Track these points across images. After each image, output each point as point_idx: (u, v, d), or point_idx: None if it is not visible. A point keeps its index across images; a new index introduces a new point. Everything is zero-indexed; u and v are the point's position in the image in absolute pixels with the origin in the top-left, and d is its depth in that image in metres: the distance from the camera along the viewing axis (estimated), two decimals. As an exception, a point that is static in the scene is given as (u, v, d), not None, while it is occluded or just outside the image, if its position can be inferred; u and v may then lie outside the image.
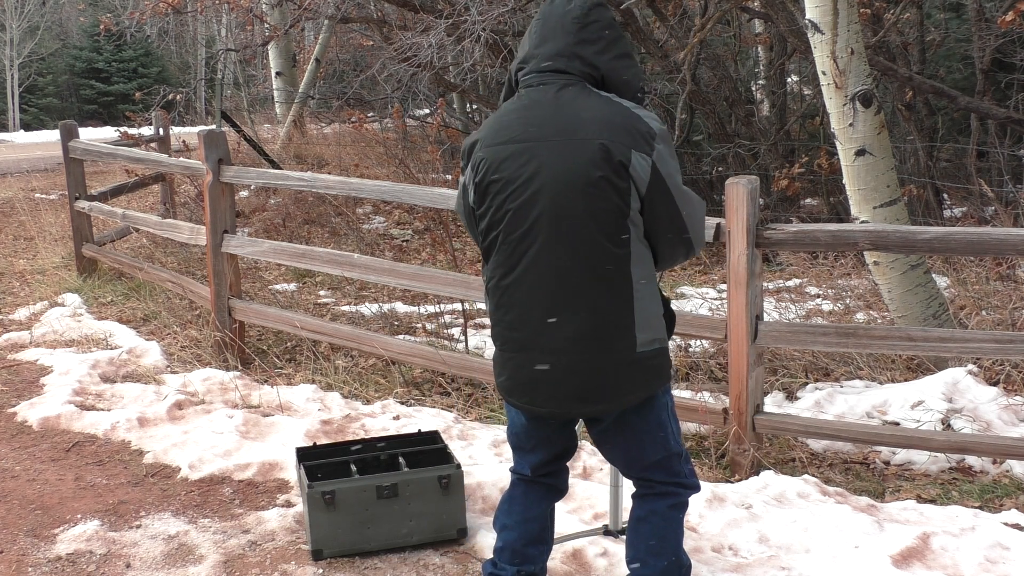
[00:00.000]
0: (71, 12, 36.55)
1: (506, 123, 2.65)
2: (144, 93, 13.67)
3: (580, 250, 2.55)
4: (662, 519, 2.81)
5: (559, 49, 2.62)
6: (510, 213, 2.60)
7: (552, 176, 2.55)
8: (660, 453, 2.78)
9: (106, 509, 4.00)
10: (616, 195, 2.53)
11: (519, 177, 2.58)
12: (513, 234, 2.60)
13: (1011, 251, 4.12)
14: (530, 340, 2.63)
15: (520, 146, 2.59)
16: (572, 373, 2.61)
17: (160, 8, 11.20)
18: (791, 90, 11.28)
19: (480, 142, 2.68)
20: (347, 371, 5.56)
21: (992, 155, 8.61)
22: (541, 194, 2.56)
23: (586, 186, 2.53)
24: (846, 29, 4.89)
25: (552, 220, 2.55)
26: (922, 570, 3.31)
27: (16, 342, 6.44)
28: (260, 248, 5.89)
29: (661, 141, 2.57)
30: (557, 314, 2.59)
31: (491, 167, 2.62)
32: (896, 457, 4.39)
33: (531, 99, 2.63)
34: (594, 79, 2.64)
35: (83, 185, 8.17)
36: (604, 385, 2.62)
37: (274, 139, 14.95)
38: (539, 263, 2.58)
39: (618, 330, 2.60)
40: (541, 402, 2.67)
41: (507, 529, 2.96)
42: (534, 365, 2.63)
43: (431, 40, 7.74)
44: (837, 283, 6.76)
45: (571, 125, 2.56)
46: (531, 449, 2.88)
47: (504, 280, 2.65)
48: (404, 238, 9.40)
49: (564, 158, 2.54)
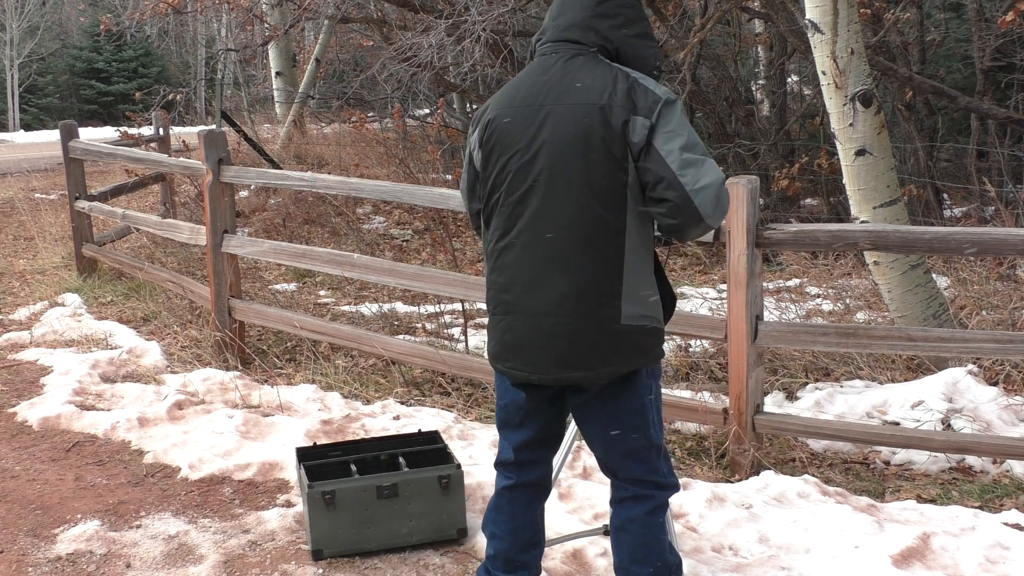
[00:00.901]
0: (71, 12, 36.55)
1: (515, 88, 2.70)
2: (144, 93, 13.66)
3: (573, 214, 2.57)
4: (642, 526, 2.76)
5: (575, 21, 2.66)
6: (511, 174, 2.63)
7: (552, 139, 2.58)
8: (640, 442, 2.73)
9: (106, 509, 4.00)
10: (612, 160, 2.54)
11: (522, 139, 2.62)
12: (512, 195, 2.63)
13: (1011, 251, 4.12)
14: (517, 302, 2.64)
15: (526, 109, 2.63)
16: (554, 337, 2.61)
17: (160, 8, 11.20)
18: (791, 90, 11.28)
19: (490, 107, 2.73)
20: (347, 371, 5.56)
21: (992, 155, 8.61)
22: (540, 156, 2.59)
23: (584, 149, 2.55)
24: (846, 29, 4.89)
25: (549, 182, 2.58)
26: (922, 570, 3.31)
27: (16, 342, 6.44)
28: (260, 248, 5.89)
29: (666, 107, 2.55)
30: (545, 276, 2.60)
31: (497, 129, 2.67)
32: (896, 457, 4.39)
33: (541, 66, 2.68)
34: (608, 52, 2.66)
35: (83, 185, 8.17)
36: (585, 351, 2.60)
37: (274, 139, 14.95)
38: (533, 225, 2.60)
39: (604, 297, 2.59)
40: (522, 366, 2.67)
41: (497, 537, 2.92)
42: (518, 328, 2.64)
43: (431, 40, 7.75)
44: (837, 283, 6.76)
45: (574, 91, 2.59)
46: (518, 424, 2.82)
47: (500, 242, 2.68)
48: (404, 238, 9.41)
49: (565, 121, 2.57)
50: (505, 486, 2.91)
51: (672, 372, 5.34)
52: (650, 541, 2.76)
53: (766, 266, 7.31)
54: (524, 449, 2.85)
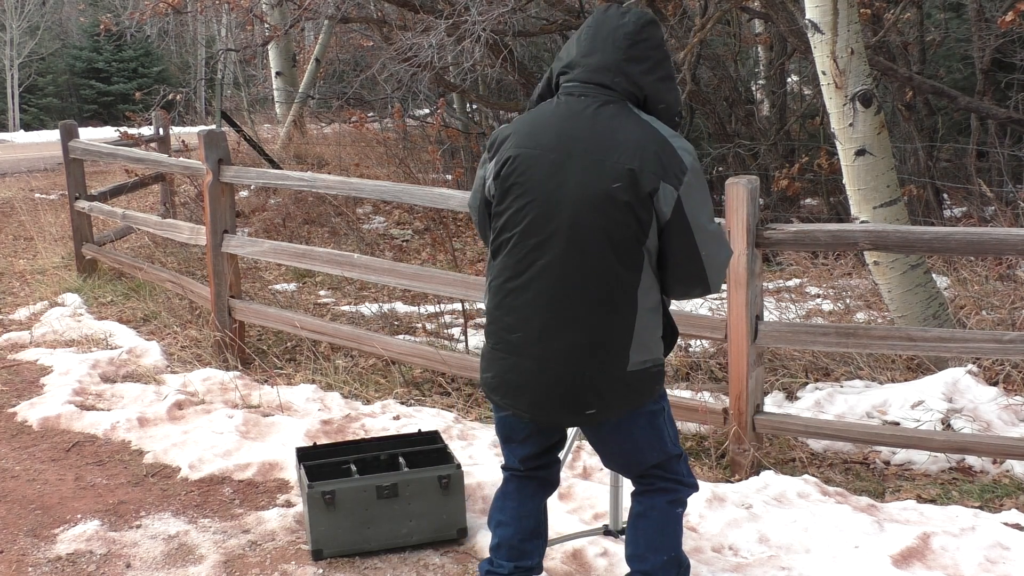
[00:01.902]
0: (71, 12, 36.54)
1: (541, 127, 2.64)
2: (144, 93, 13.67)
3: (591, 269, 2.57)
4: (661, 514, 2.84)
5: (606, 63, 2.60)
6: (528, 218, 2.60)
7: (577, 192, 2.55)
8: (658, 457, 2.81)
9: (106, 509, 4.00)
10: (636, 222, 2.54)
11: (546, 186, 2.58)
12: (529, 239, 2.61)
13: (1011, 251, 4.12)
14: (524, 346, 2.65)
15: (551, 155, 2.59)
16: (558, 384, 2.63)
17: (160, 8, 11.19)
18: (791, 90, 11.28)
19: (511, 139, 2.68)
20: (347, 371, 5.56)
21: (992, 155, 8.61)
22: (563, 207, 2.56)
23: (608, 208, 2.53)
24: (846, 29, 4.89)
25: (569, 235, 2.56)
26: (922, 570, 3.31)
27: (16, 342, 6.44)
28: (260, 248, 5.89)
29: (692, 175, 2.56)
30: (556, 326, 2.61)
31: (518, 168, 2.62)
32: (896, 457, 4.39)
33: (571, 110, 2.62)
34: (636, 99, 2.63)
35: (83, 185, 8.17)
36: (589, 398, 2.64)
37: (274, 139, 14.95)
38: (548, 274, 2.59)
39: (613, 351, 2.62)
40: (525, 407, 2.70)
41: (502, 525, 2.98)
42: (523, 371, 2.66)
43: (431, 40, 7.74)
44: (837, 283, 6.76)
45: (604, 145, 2.55)
46: (522, 441, 2.88)
47: (510, 283, 2.66)
48: (404, 238, 9.41)
49: (591, 176, 2.55)
50: (511, 476, 2.99)
51: (672, 372, 5.34)
52: (668, 530, 2.84)
53: (766, 266, 7.31)
54: (530, 460, 2.93)
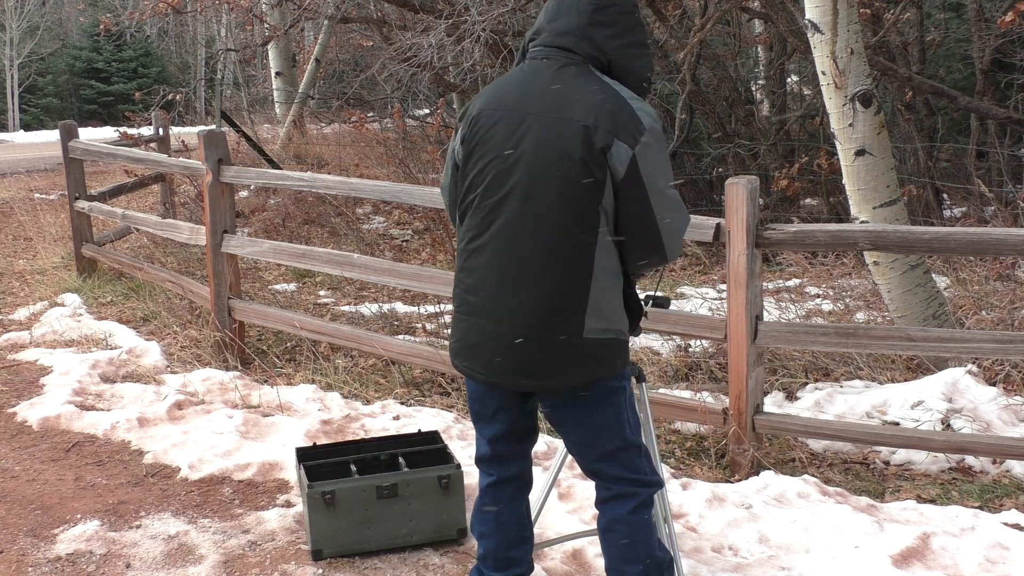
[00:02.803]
0: (71, 12, 36.54)
1: (504, 90, 2.69)
2: (144, 93, 13.67)
3: (546, 228, 2.57)
4: (627, 525, 2.76)
5: (570, 27, 2.62)
6: (488, 177, 2.63)
7: (532, 150, 2.57)
8: (616, 443, 2.72)
9: (106, 509, 3.99)
10: (590, 180, 2.54)
11: (504, 145, 2.61)
12: (488, 199, 2.63)
13: (1011, 251, 4.12)
14: (483, 306, 2.65)
15: (511, 114, 2.62)
16: (514, 345, 2.61)
17: (160, 8, 11.20)
18: (791, 90, 11.28)
19: (477, 103, 2.72)
20: (347, 371, 5.56)
21: (992, 155, 8.61)
22: (520, 165, 2.58)
23: (563, 166, 2.54)
24: (846, 29, 4.89)
25: (525, 193, 2.58)
26: (922, 570, 3.31)
27: (16, 342, 6.43)
28: (260, 248, 5.89)
29: (651, 137, 2.55)
30: (511, 285, 2.60)
31: (481, 129, 2.66)
32: (896, 457, 4.39)
33: (532, 71, 2.66)
34: (600, 63, 2.64)
35: (83, 185, 8.16)
36: (543, 362, 2.61)
37: (274, 139, 14.94)
38: (506, 232, 2.60)
39: (567, 313, 2.59)
40: (481, 368, 2.68)
41: (485, 537, 2.94)
42: (481, 331, 2.65)
43: (431, 40, 7.75)
44: (837, 283, 6.76)
45: (561, 103, 2.57)
46: (490, 418, 2.83)
47: (472, 244, 2.68)
48: (404, 238, 9.40)
49: (548, 134, 2.56)
50: (488, 484, 2.93)
51: (672, 372, 5.34)
52: (637, 539, 2.76)
53: (766, 266, 7.31)
54: (498, 442, 2.86)
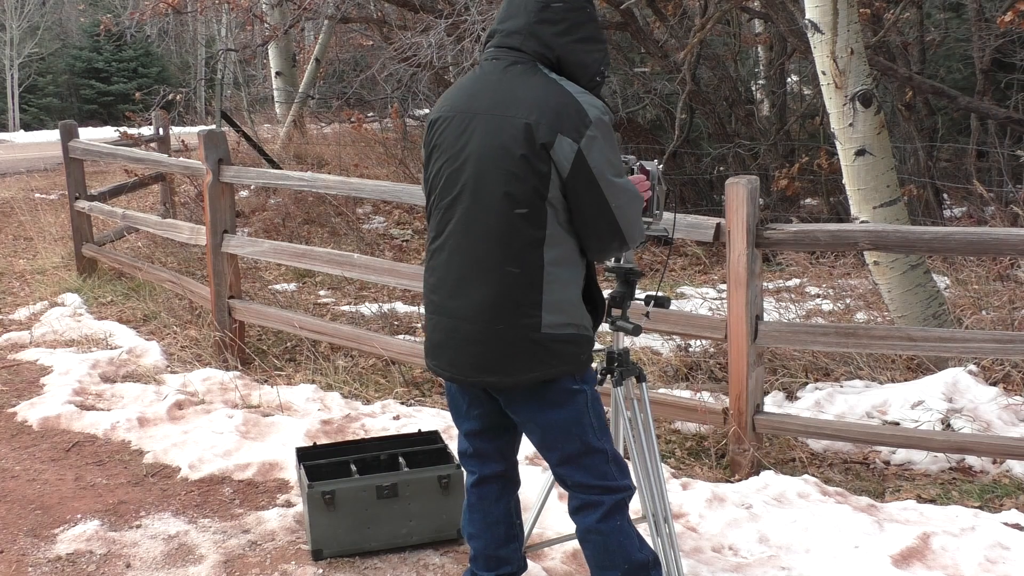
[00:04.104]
0: (71, 12, 36.54)
1: (457, 93, 2.74)
2: (144, 93, 13.65)
3: (494, 224, 2.59)
4: (598, 535, 2.74)
5: (518, 27, 2.66)
6: (443, 179, 2.68)
7: (478, 150, 2.62)
8: (576, 446, 2.69)
9: (106, 509, 3.99)
10: (534, 176, 2.55)
11: (454, 146, 2.66)
12: (444, 200, 2.69)
13: (1010, 251, 4.13)
14: (443, 304, 2.70)
15: (461, 116, 2.67)
16: (470, 342, 2.65)
17: (160, 8, 11.20)
18: (791, 90, 11.28)
19: (435, 108, 2.79)
20: (347, 371, 5.56)
21: (992, 155, 8.61)
22: (468, 165, 2.63)
23: (506, 163, 2.57)
24: (846, 29, 4.89)
25: (473, 191, 2.62)
26: (922, 570, 3.31)
27: (16, 342, 6.44)
28: (260, 248, 5.89)
29: (596, 128, 2.56)
30: (466, 283, 2.64)
31: (436, 132, 2.72)
32: (896, 457, 4.39)
33: (482, 72, 2.71)
34: (548, 60, 2.65)
35: (83, 185, 8.17)
36: (500, 358, 2.62)
37: (274, 139, 14.93)
38: (458, 231, 2.65)
39: (522, 307, 2.59)
40: (446, 365, 2.73)
41: (474, 538, 2.96)
42: (443, 328, 2.70)
43: (431, 40, 7.75)
44: (837, 283, 6.76)
45: (505, 101, 2.60)
46: (464, 414, 2.87)
47: (433, 244, 2.74)
48: (404, 238, 9.40)
49: (492, 133, 2.60)
50: (472, 483, 2.95)
51: (672, 372, 5.34)
52: (610, 547, 2.73)
53: (766, 266, 7.30)
54: (475, 438, 2.89)
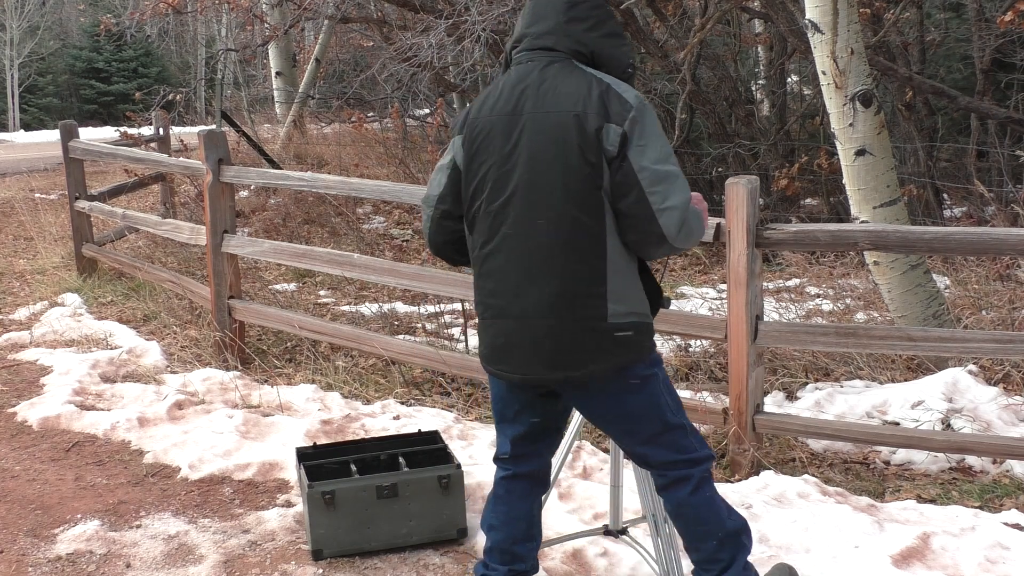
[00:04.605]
0: (71, 12, 36.55)
1: (495, 96, 2.74)
2: (144, 93, 13.65)
3: (554, 220, 2.62)
4: (691, 508, 2.84)
5: (549, 28, 2.71)
6: (491, 182, 2.69)
7: (531, 148, 2.64)
8: (656, 427, 2.77)
9: (106, 509, 3.99)
10: (588, 166, 2.59)
11: (502, 148, 2.68)
12: (494, 203, 2.69)
13: (1010, 251, 4.12)
14: (505, 307, 2.70)
15: (505, 118, 2.69)
16: (542, 338, 2.66)
17: (160, 8, 11.20)
18: (791, 90, 11.28)
19: (470, 113, 2.79)
20: (347, 371, 5.56)
21: (992, 155, 8.61)
22: (519, 165, 2.65)
23: (561, 157, 2.60)
24: (846, 29, 4.89)
25: (528, 190, 2.64)
26: (922, 570, 3.31)
27: (16, 342, 6.44)
28: (260, 248, 5.89)
29: (639, 113, 2.59)
30: (530, 281, 2.65)
31: (479, 136, 2.73)
32: (896, 457, 4.39)
33: (519, 75, 2.73)
34: (583, 56, 2.71)
35: (83, 185, 8.17)
36: (573, 351, 2.65)
37: (274, 139, 14.93)
38: (516, 232, 2.66)
39: (589, 299, 2.63)
40: (515, 367, 2.73)
41: (494, 529, 2.98)
42: (507, 331, 2.71)
43: (431, 40, 7.75)
44: (837, 283, 6.76)
45: (549, 99, 2.64)
46: (513, 418, 2.87)
47: (484, 249, 2.73)
48: (404, 238, 9.40)
49: (542, 131, 2.63)
50: (503, 476, 2.97)
51: (672, 372, 5.34)
52: (704, 517, 2.85)
53: (766, 266, 7.31)
54: (520, 442, 2.91)
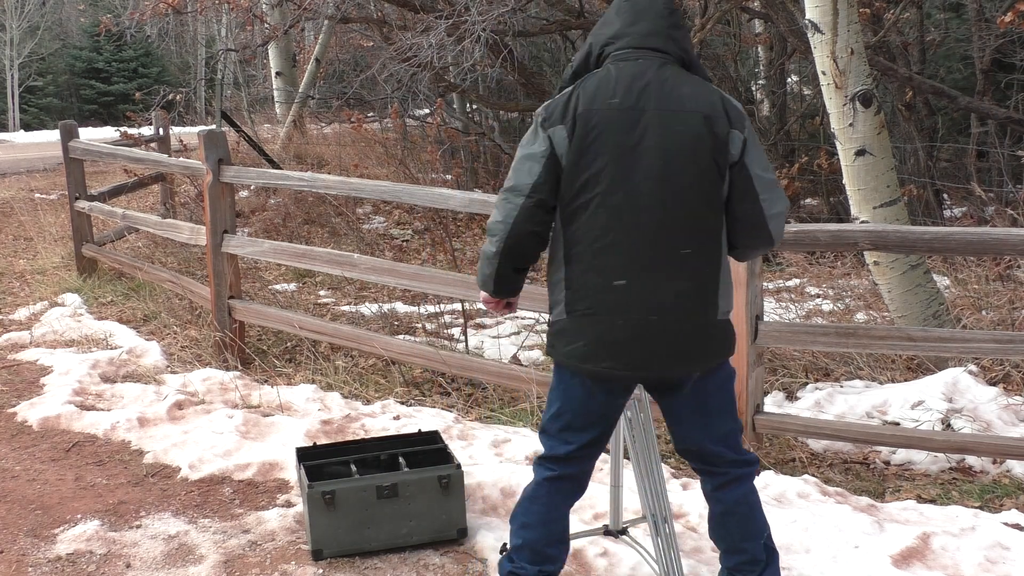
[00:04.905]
0: (71, 12, 36.55)
1: (607, 90, 2.70)
2: (144, 93, 13.66)
3: (683, 216, 2.66)
4: (748, 506, 2.90)
5: (656, 29, 2.75)
6: (609, 177, 2.66)
7: (660, 144, 2.65)
8: (731, 423, 2.87)
9: (106, 509, 3.99)
10: (715, 167, 2.67)
11: (622, 142, 2.65)
12: (613, 197, 2.66)
13: (1010, 251, 4.12)
14: (628, 302, 2.67)
15: (626, 112, 2.66)
16: (669, 334, 2.69)
17: (160, 8, 11.20)
18: (791, 90, 11.28)
19: (579, 102, 2.70)
20: (347, 371, 5.56)
21: (992, 155, 8.61)
22: (646, 160, 2.64)
23: (694, 155, 2.65)
24: (846, 29, 4.89)
25: (659, 187, 2.64)
26: (922, 570, 3.31)
27: (16, 342, 6.43)
28: (260, 248, 5.89)
29: (749, 124, 2.74)
30: (659, 277, 2.67)
31: (595, 128, 2.67)
32: (896, 457, 4.39)
33: (633, 71, 2.71)
34: (684, 61, 2.78)
35: (83, 185, 8.17)
36: (692, 346, 2.73)
37: (274, 139, 14.94)
38: (644, 227, 2.66)
39: (708, 295, 2.72)
40: (627, 363, 2.70)
41: (528, 528, 2.93)
42: (627, 326, 2.68)
43: (431, 40, 7.75)
44: (837, 283, 6.76)
45: (675, 97, 2.68)
46: (582, 427, 2.85)
47: (598, 243, 2.68)
48: (404, 238, 9.41)
49: (671, 129, 2.65)
50: (547, 477, 2.92)
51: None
52: (756, 516, 2.93)
53: (766, 266, 7.31)
54: (585, 448, 2.89)
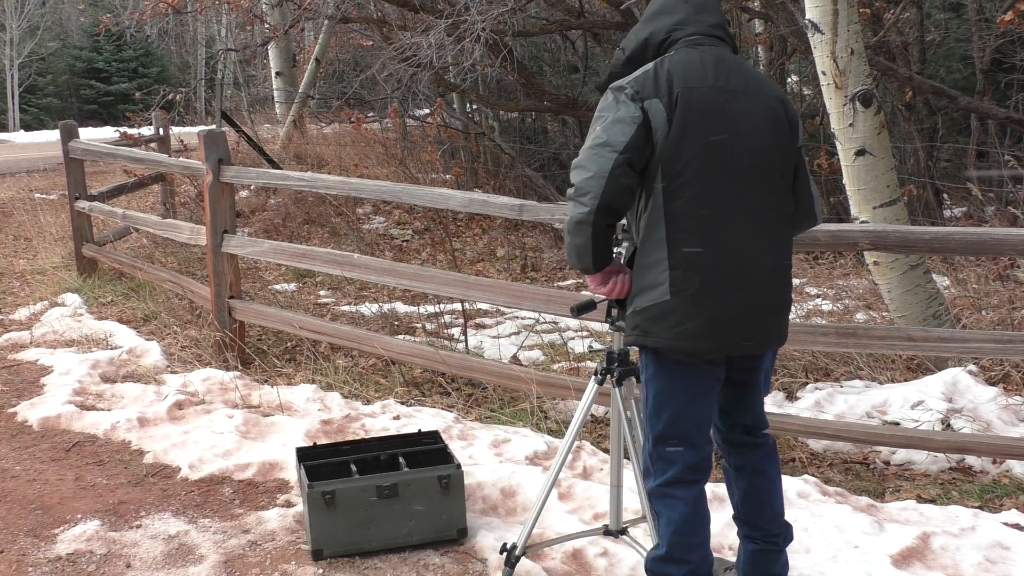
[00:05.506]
0: (71, 12, 36.56)
1: (697, 70, 2.73)
2: (144, 93, 13.67)
3: (774, 193, 2.78)
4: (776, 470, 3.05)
5: (718, 21, 2.87)
6: (715, 153, 2.70)
7: (754, 125, 2.75)
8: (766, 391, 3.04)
9: (106, 509, 4.00)
10: (791, 149, 2.83)
11: (722, 120, 2.71)
12: (710, 174, 2.70)
13: (1010, 251, 4.12)
14: (735, 279, 2.71)
15: (722, 93, 2.73)
16: (774, 311, 2.81)
17: (160, 8, 11.20)
18: (791, 90, 11.28)
19: (676, 80, 2.70)
20: (347, 371, 5.56)
21: (992, 155, 8.61)
22: (743, 139, 2.72)
23: (777, 138, 2.79)
24: (846, 29, 4.89)
25: (754, 163, 2.74)
26: (922, 570, 3.31)
27: (16, 342, 6.44)
28: (260, 248, 5.89)
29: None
30: (762, 253, 2.75)
31: (695, 108, 2.69)
32: (896, 457, 4.39)
33: (714, 55, 2.79)
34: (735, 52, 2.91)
35: (83, 185, 8.17)
36: (784, 321, 2.85)
37: (274, 139, 14.94)
38: (747, 204, 2.73)
39: (789, 273, 2.86)
40: (748, 339, 2.76)
41: (697, 548, 2.84)
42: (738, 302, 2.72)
43: (431, 40, 7.74)
44: (837, 283, 6.76)
45: (754, 82, 2.81)
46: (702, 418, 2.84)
47: (708, 221, 2.70)
48: (404, 238, 9.41)
49: (762, 109, 2.77)
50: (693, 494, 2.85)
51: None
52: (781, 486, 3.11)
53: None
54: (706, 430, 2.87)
